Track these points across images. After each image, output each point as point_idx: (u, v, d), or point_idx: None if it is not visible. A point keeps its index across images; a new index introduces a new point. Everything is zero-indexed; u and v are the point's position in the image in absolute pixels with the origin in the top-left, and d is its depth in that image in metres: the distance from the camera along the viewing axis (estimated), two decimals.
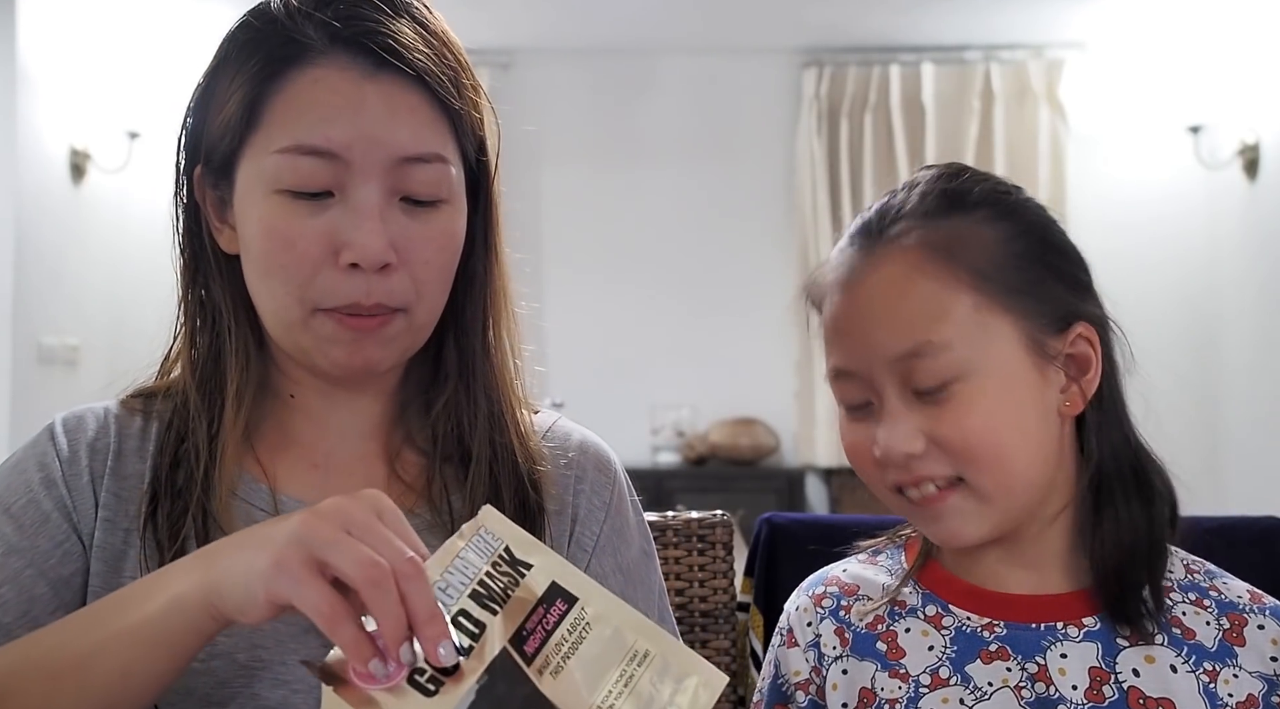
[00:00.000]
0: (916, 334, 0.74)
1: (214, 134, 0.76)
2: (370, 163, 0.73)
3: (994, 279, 0.75)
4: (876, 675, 0.80)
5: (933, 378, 0.74)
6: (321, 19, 0.74)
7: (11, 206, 3.35)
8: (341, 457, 0.83)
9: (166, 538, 0.76)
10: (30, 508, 0.77)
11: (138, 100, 3.69)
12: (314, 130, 0.72)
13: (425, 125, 0.75)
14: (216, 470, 0.77)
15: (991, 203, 0.78)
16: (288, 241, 0.73)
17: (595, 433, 0.92)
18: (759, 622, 1.09)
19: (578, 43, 4.33)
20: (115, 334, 3.66)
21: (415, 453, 0.84)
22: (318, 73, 0.73)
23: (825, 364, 0.81)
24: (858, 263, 0.78)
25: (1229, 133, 3.79)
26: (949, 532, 0.77)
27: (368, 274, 0.73)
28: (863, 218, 0.81)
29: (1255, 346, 3.74)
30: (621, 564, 0.86)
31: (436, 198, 0.76)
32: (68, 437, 0.80)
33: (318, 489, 0.81)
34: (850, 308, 0.78)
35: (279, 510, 0.79)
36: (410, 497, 0.81)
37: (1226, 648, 0.76)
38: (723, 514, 1.12)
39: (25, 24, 3.40)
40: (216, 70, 0.77)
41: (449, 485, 0.81)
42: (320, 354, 0.76)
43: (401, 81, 0.74)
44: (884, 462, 0.77)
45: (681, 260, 4.40)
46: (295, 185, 0.73)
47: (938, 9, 3.99)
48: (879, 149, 4.34)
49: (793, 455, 4.36)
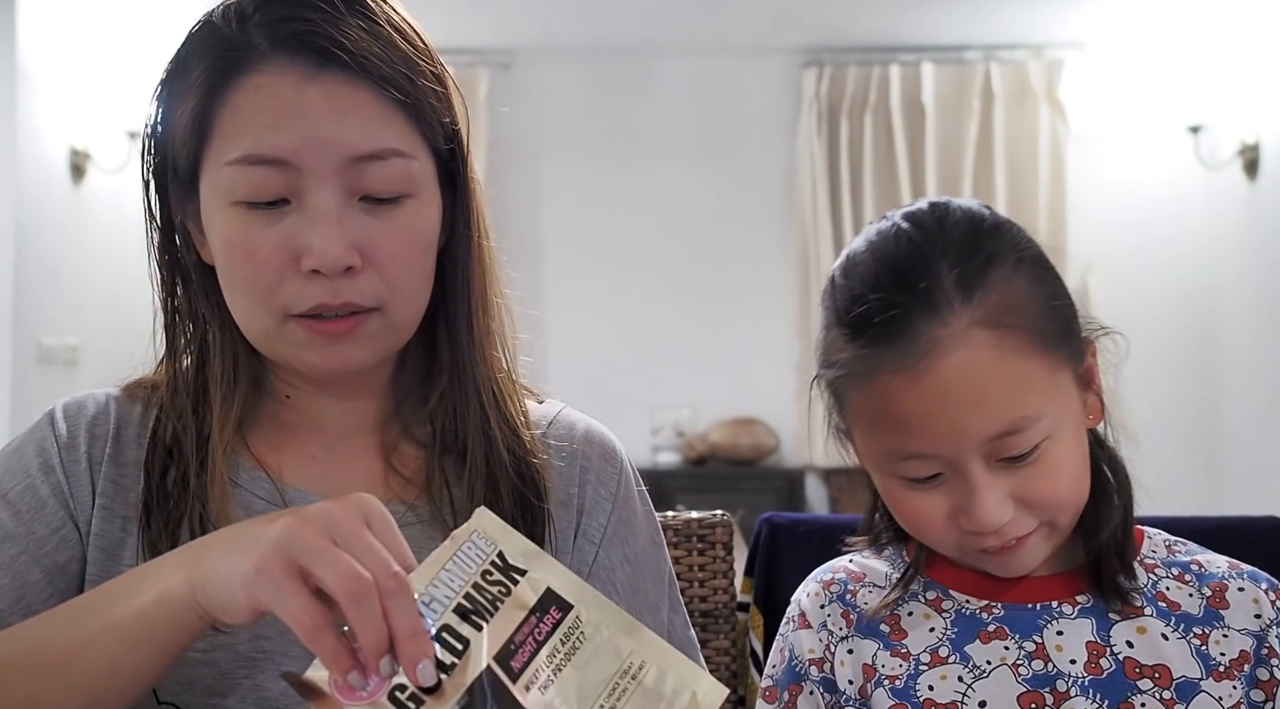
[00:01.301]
0: (1011, 413, 0.72)
1: (174, 149, 0.76)
2: (322, 165, 0.72)
3: (1046, 334, 0.75)
4: (878, 654, 0.81)
5: (1027, 448, 0.74)
6: (261, 20, 0.72)
7: (11, 206, 3.35)
8: (341, 451, 0.83)
9: (164, 529, 0.75)
10: (27, 494, 0.77)
11: (138, 100, 3.69)
12: (261, 139, 0.71)
13: (376, 121, 0.73)
14: (208, 472, 0.76)
15: (1003, 246, 0.76)
16: (248, 252, 0.73)
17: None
18: (759, 622, 1.09)
19: (578, 43, 4.33)
20: (115, 334, 3.66)
21: (413, 446, 0.83)
22: (260, 79, 0.72)
23: (873, 444, 0.78)
24: (912, 347, 0.73)
25: (1229, 133, 3.79)
26: (1021, 567, 0.79)
27: (332, 278, 0.72)
28: (868, 302, 0.74)
29: (1255, 346, 3.74)
30: (629, 555, 0.85)
31: (399, 193, 0.75)
32: (67, 422, 0.80)
33: (319, 481, 0.81)
34: (928, 396, 0.73)
35: (284, 499, 0.79)
36: (410, 490, 0.81)
37: (1212, 612, 0.79)
38: (723, 514, 1.12)
39: (25, 24, 3.40)
40: (168, 83, 0.76)
41: (449, 478, 0.81)
42: (296, 360, 0.76)
43: (346, 79, 0.72)
44: (976, 531, 0.76)
45: (681, 260, 4.40)
46: (250, 196, 0.72)
47: (938, 9, 3.99)
48: (879, 149, 4.34)
49: (793, 455, 4.36)
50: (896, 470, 0.78)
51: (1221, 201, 3.91)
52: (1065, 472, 0.76)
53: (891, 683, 0.80)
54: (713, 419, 4.32)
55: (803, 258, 4.32)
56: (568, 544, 0.84)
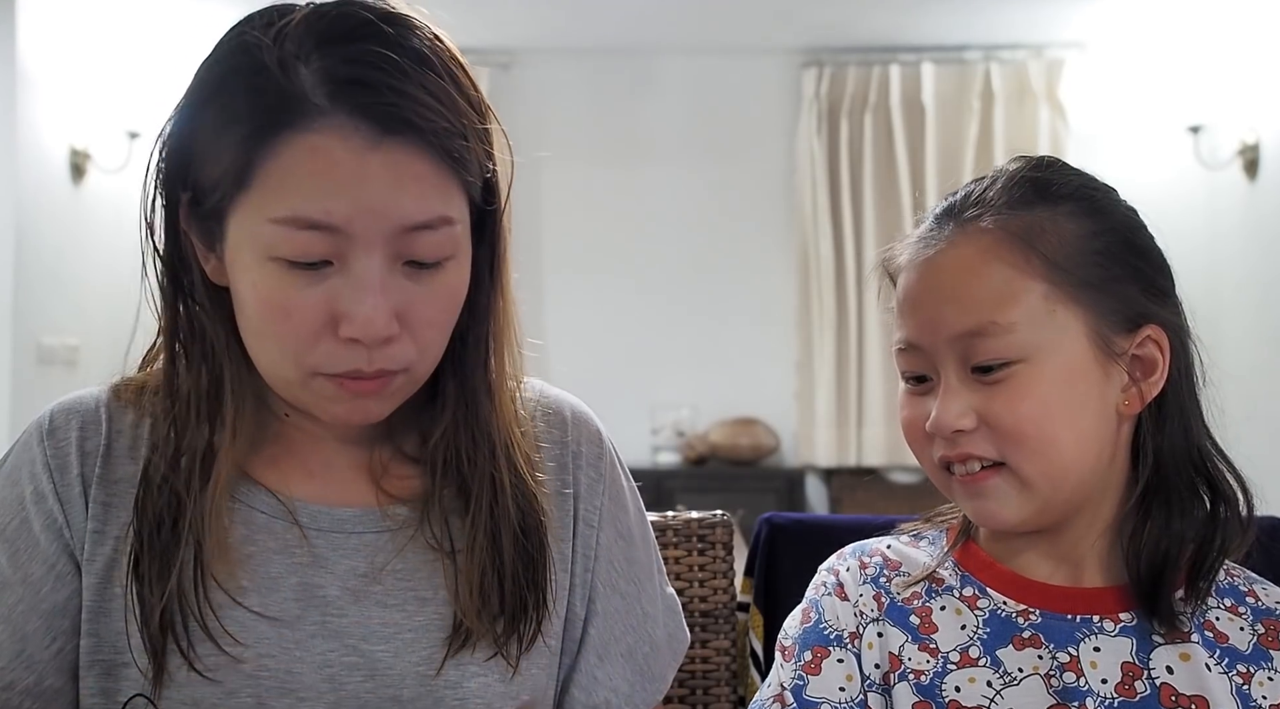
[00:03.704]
0: (983, 314, 0.75)
1: (203, 177, 0.71)
2: (373, 234, 0.69)
3: (1068, 271, 0.75)
4: (905, 646, 0.80)
5: (992, 356, 0.75)
6: (319, 71, 0.67)
7: (11, 206, 3.35)
8: (339, 466, 0.83)
9: (156, 557, 0.74)
10: (23, 531, 0.76)
11: (138, 100, 3.69)
12: (313, 204, 0.67)
13: (431, 190, 0.70)
14: (209, 489, 0.75)
15: (1079, 198, 0.79)
16: (285, 312, 0.70)
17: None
18: (759, 622, 1.09)
19: (578, 43, 4.33)
20: (115, 334, 3.64)
21: (404, 461, 0.83)
22: (315, 139, 0.67)
23: (893, 335, 0.82)
24: (935, 241, 0.79)
25: (1229, 133, 3.79)
26: (988, 511, 0.78)
27: (370, 346, 0.71)
28: (948, 199, 0.83)
29: (1256, 346, 3.74)
30: (622, 531, 0.89)
31: (443, 258, 0.73)
32: (57, 440, 0.78)
33: (320, 495, 0.81)
34: (922, 284, 0.79)
35: (290, 512, 0.79)
36: (403, 505, 0.82)
37: (1262, 651, 0.76)
38: (723, 514, 1.12)
39: (25, 24, 3.40)
40: (202, 103, 0.71)
41: (448, 507, 0.81)
42: (319, 410, 0.75)
43: (407, 148, 0.68)
44: (933, 434, 0.78)
45: (681, 260, 4.40)
46: (292, 255, 0.68)
47: (938, 9, 3.99)
48: (879, 149, 4.34)
49: (793, 455, 4.36)
50: (899, 363, 0.81)
51: (1221, 201, 3.91)
52: (1031, 403, 0.74)
53: (917, 678, 0.78)
54: (713, 419, 4.32)
55: (803, 258, 4.32)
56: (568, 532, 0.85)
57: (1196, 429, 0.80)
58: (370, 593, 0.78)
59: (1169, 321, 0.79)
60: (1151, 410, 0.79)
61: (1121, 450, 0.79)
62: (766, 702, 0.82)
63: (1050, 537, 0.80)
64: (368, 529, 0.80)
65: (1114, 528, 0.80)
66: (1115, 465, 0.79)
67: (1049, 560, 0.81)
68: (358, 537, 0.80)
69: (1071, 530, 0.80)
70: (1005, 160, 0.84)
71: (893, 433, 4.19)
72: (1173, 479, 0.78)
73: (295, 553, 0.78)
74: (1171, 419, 0.79)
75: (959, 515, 0.87)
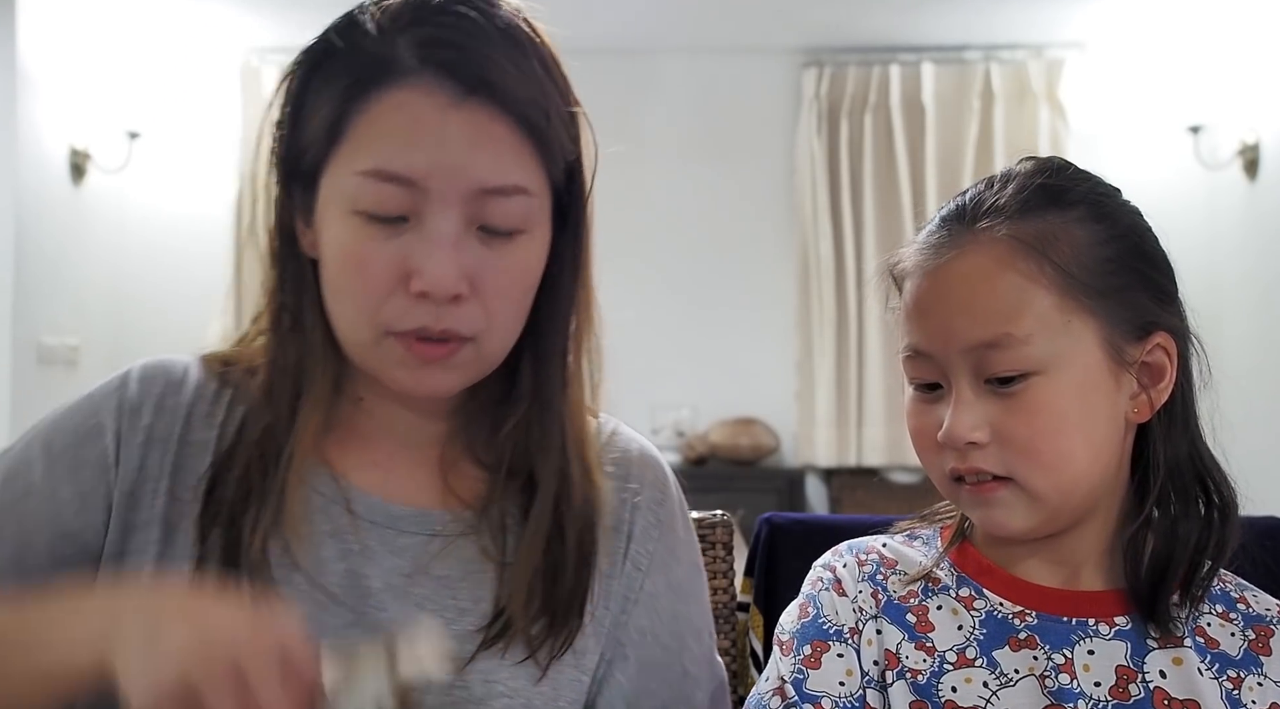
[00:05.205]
0: (996, 325, 0.74)
1: (302, 143, 0.76)
2: (449, 192, 0.72)
3: (1080, 279, 0.75)
4: (902, 644, 0.80)
5: (1007, 368, 0.74)
6: (413, 36, 0.72)
7: (11, 206, 3.35)
8: (403, 460, 0.83)
9: (223, 518, 0.76)
10: (69, 453, 0.78)
11: (138, 100, 3.69)
12: (395, 157, 0.71)
13: (508, 155, 0.73)
14: (284, 462, 0.77)
15: (1089, 203, 0.78)
16: (361, 264, 0.73)
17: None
18: (759, 621, 1.09)
19: (578, 43, 4.30)
20: (115, 334, 3.66)
21: (472, 464, 0.83)
22: (402, 96, 0.71)
23: (899, 341, 0.81)
24: (946, 248, 0.78)
25: (1229, 133, 3.79)
26: (996, 521, 0.77)
27: (438, 303, 0.73)
28: (956, 202, 0.81)
29: (1256, 347, 3.74)
30: (672, 581, 0.86)
31: (516, 229, 0.75)
32: (141, 388, 0.80)
33: (380, 486, 0.81)
34: (933, 292, 0.77)
35: (346, 499, 0.80)
36: (464, 507, 0.82)
37: (1252, 657, 0.77)
38: (723, 514, 1.12)
39: (25, 24, 3.40)
40: (306, 77, 0.76)
41: (509, 506, 0.81)
42: (387, 376, 0.77)
43: (487, 109, 0.72)
44: (944, 445, 0.77)
45: (682, 260, 4.40)
46: (372, 208, 0.72)
47: (938, 9, 3.99)
48: (879, 149, 4.33)
49: (793, 455, 4.36)
50: (907, 370, 0.80)
51: (1221, 201, 3.91)
52: (1046, 416, 0.74)
53: (914, 677, 0.78)
54: (713, 419, 4.32)
55: (803, 257, 4.31)
56: (616, 570, 0.84)
57: (1197, 436, 0.80)
58: (411, 594, 0.79)
59: (1175, 327, 0.79)
60: (1159, 417, 0.79)
61: (1125, 457, 0.80)
62: (766, 694, 0.82)
63: (1051, 542, 0.80)
64: (420, 531, 0.81)
65: (1113, 532, 0.80)
66: (1120, 472, 0.79)
67: (1047, 565, 0.81)
68: (409, 537, 0.80)
69: (1072, 536, 0.80)
70: (1006, 160, 0.84)
71: (893, 433, 4.19)
72: (1176, 483, 0.79)
73: (347, 539, 0.79)
74: (1177, 424, 0.79)
75: (955, 515, 0.87)
